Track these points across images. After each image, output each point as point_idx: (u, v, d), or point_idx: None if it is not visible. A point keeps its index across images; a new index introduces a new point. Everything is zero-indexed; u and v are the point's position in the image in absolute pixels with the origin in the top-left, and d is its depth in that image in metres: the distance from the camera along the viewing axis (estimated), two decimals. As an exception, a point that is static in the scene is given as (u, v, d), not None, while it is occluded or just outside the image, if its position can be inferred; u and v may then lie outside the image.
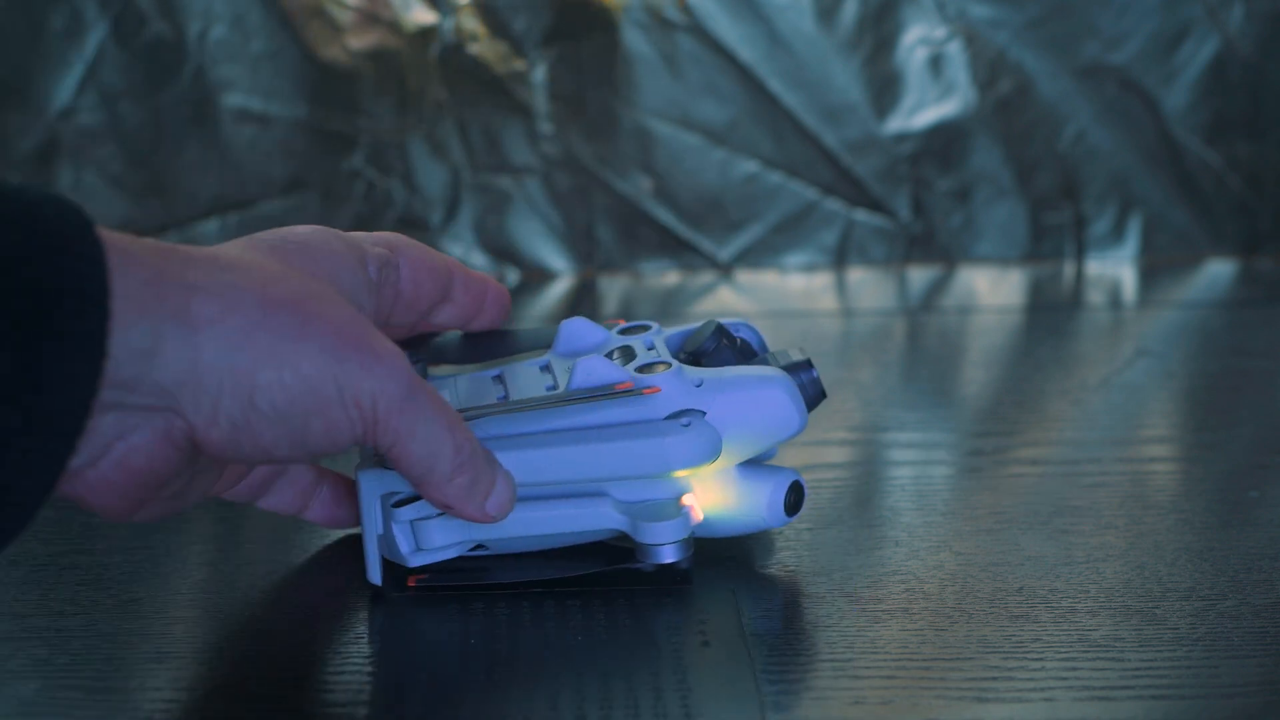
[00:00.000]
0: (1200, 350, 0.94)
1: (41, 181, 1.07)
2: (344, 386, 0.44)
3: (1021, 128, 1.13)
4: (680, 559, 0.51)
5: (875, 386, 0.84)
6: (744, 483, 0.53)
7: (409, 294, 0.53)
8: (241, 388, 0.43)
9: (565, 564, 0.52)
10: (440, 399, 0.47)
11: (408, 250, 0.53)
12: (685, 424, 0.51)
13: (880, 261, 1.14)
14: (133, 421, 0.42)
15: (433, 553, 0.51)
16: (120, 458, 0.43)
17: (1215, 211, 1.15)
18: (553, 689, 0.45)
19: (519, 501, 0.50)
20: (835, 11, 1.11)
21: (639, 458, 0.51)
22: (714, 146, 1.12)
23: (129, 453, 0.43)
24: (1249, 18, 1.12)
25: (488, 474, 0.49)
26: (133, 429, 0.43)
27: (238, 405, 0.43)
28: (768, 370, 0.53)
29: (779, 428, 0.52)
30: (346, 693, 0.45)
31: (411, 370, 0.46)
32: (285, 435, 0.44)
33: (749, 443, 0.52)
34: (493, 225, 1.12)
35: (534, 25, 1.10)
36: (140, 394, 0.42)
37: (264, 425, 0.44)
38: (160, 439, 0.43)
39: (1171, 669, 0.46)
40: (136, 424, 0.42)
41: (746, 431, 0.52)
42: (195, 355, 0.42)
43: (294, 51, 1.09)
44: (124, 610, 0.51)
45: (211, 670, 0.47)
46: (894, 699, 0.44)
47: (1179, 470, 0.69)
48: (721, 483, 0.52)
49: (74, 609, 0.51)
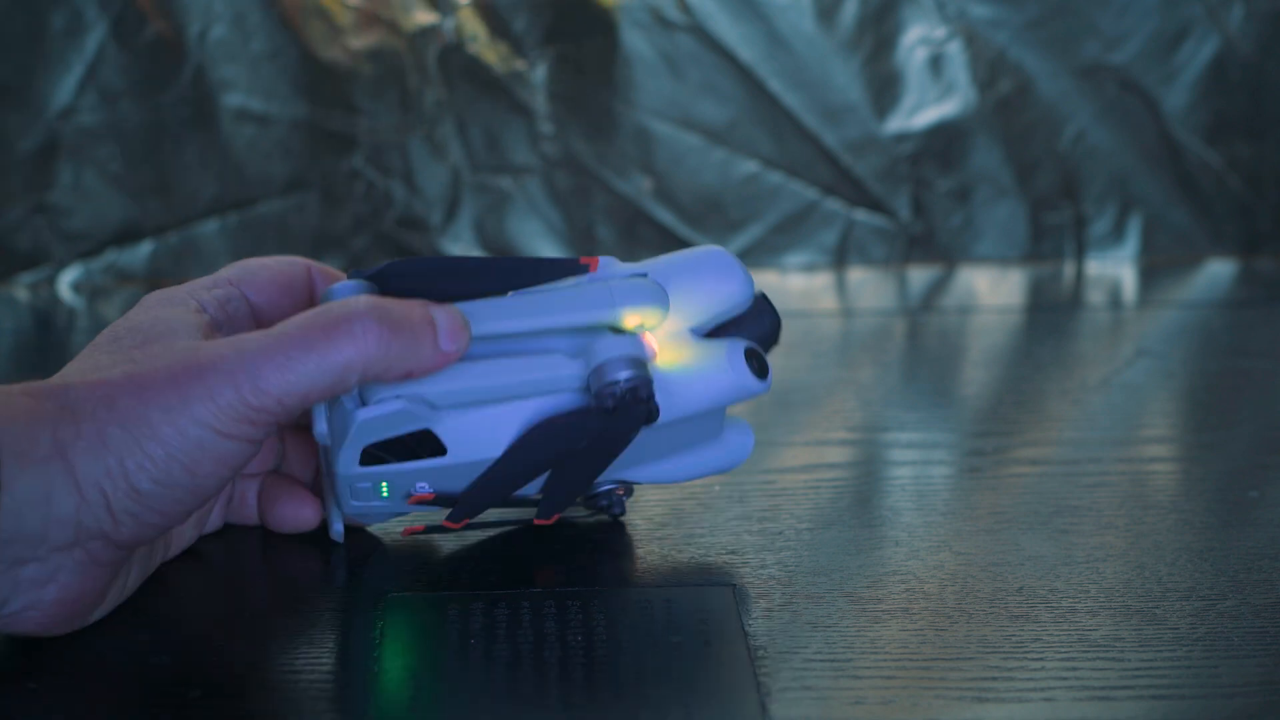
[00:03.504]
0: (1200, 350, 0.94)
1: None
2: (206, 421, 0.45)
3: (1021, 128, 1.13)
4: (634, 381, 0.50)
5: (875, 386, 0.84)
6: (702, 346, 0.52)
7: (269, 314, 0.54)
8: (119, 483, 0.45)
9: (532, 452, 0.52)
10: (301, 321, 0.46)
11: (252, 276, 0.54)
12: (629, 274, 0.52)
13: (880, 261, 1.14)
14: (55, 563, 0.45)
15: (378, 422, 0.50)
16: (57, 596, 0.46)
17: (1215, 211, 1.15)
18: (552, 689, 0.45)
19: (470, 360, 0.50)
20: (835, 11, 1.11)
21: (586, 301, 0.51)
22: (714, 146, 1.12)
23: (62, 589, 0.46)
24: (1249, 18, 1.12)
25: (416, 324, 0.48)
26: (57, 569, 0.45)
27: (125, 499, 0.45)
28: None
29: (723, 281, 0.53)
30: (346, 693, 0.45)
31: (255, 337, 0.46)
32: (185, 492, 0.46)
33: (696, 299, 0.52)
34: (493, 225, 1.12)
35: (534, 25, 1.10)
36: (52, 538, 0.44)
37: (158, 500, 0.45)
38: (85, 566, 0.46)
39: (1171, 669, 0.46)
40: (60, 564, 0.45)
41: (692, 283, 0.52)
42: (75, 479, 0.44)
43: (294, 51, 1.09)
44: (124, 610, 0.51)
45: (210, 670, 0.47)
46: (894, 699, 0.44)
47: (1179, 470, 0.69)
48: (679, 346, 0.52)
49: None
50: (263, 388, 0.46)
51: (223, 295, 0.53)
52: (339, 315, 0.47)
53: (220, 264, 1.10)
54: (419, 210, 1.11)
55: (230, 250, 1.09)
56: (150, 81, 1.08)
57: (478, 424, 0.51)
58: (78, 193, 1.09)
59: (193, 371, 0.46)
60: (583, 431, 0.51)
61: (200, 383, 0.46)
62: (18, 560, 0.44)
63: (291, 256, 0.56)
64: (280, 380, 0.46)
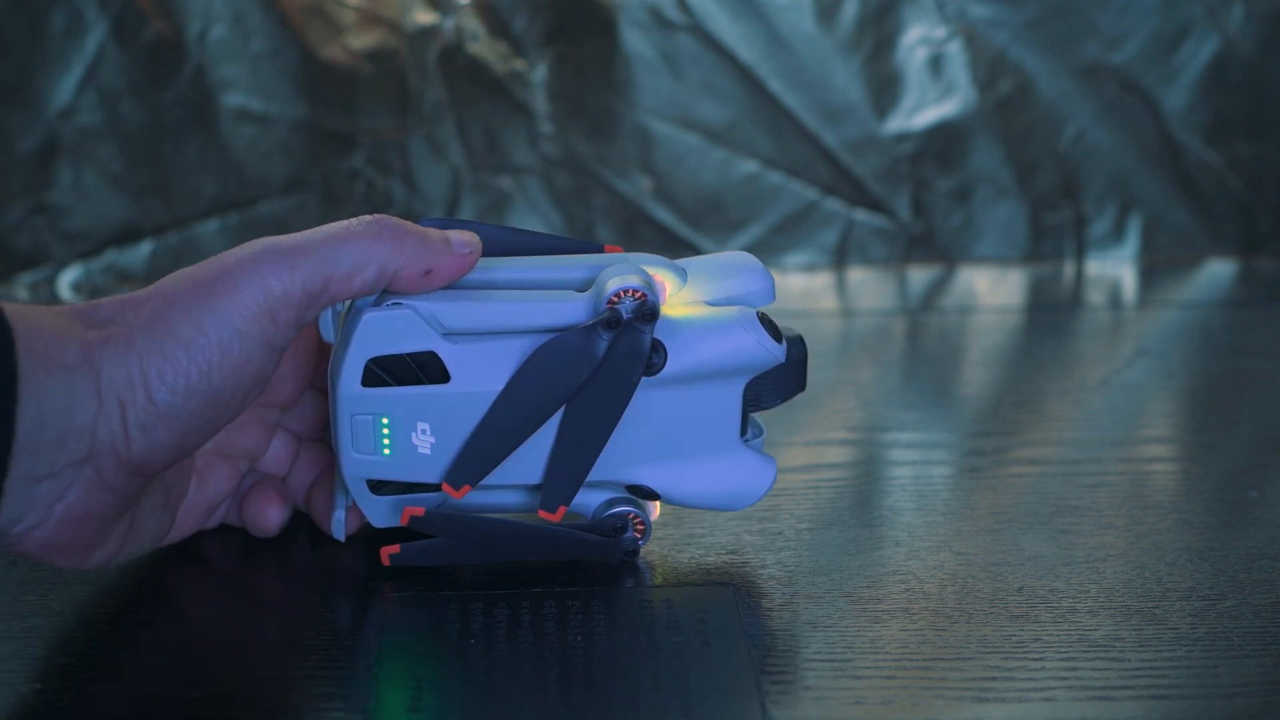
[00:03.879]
0: (1200, 350, 0.94)
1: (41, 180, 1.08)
2: (227, 317, 0.46)
3: (1021, 128, 1.13)
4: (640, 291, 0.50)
5: (875, 386, 0.84)
6: (714, 312, 0.53)
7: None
8: (138, 392, 0.45)
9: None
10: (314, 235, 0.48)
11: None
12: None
13: (880, 261, 1.14)
14: (67, 479, 0.45)
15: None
16: (62, 514, 0.45)
17: (1215, 211, 1.15)
18: (553, 689, 0.45)
19: (483, 289, 0.51)
20: (835, 11, 1.11)
21: (605, 260, 0.53)
22: (714, 146, 1.12)
23: (69, 508, 0.45)
24: (1249, 18, 1.12)
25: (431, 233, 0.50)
26: (68, 486, 0.45)
27: (142, 411, 0.45)
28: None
29: (745, 274, 0.53)
30: (347, 693, 0.45)
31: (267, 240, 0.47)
32: (201, 403, 0.46)
33: (716, 284, 0.53)
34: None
35: (534, 25, 1.10)
36: (68, 449, 0.44)
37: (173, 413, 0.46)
38: (94, 487, 0.45)
39: (1171, 669, 0.46)
40: (70, 481, 0.45)
41: (713, 270, 0.53)
42: (97, 386, 0.44)
43: (294, 51, 1.09)
44: (125, 610, 0.51)
45: (210, 671, 0.47)
46: (894, 699, 0.44)
47: (1179, 470, 0.69)
48: (692, 307, 0.53)
49: (75, 609, 0.51)
50: (286, 276, 0.46)
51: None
52: (362, 219, 0.48)
53: (220, 264, 1.11)
54: (419, 210, 1.11)
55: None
56: (150, 81, 1.08)
57: (483, 354, 0.51)
58: (78, 193, 1.09)
59: (217, 271, 0.46)
60: (587, 357, 0.50)
61: (225, 280, 0.46)
62: (33, 477, 0.44)
63: None
64: (305, 266, 0.47)
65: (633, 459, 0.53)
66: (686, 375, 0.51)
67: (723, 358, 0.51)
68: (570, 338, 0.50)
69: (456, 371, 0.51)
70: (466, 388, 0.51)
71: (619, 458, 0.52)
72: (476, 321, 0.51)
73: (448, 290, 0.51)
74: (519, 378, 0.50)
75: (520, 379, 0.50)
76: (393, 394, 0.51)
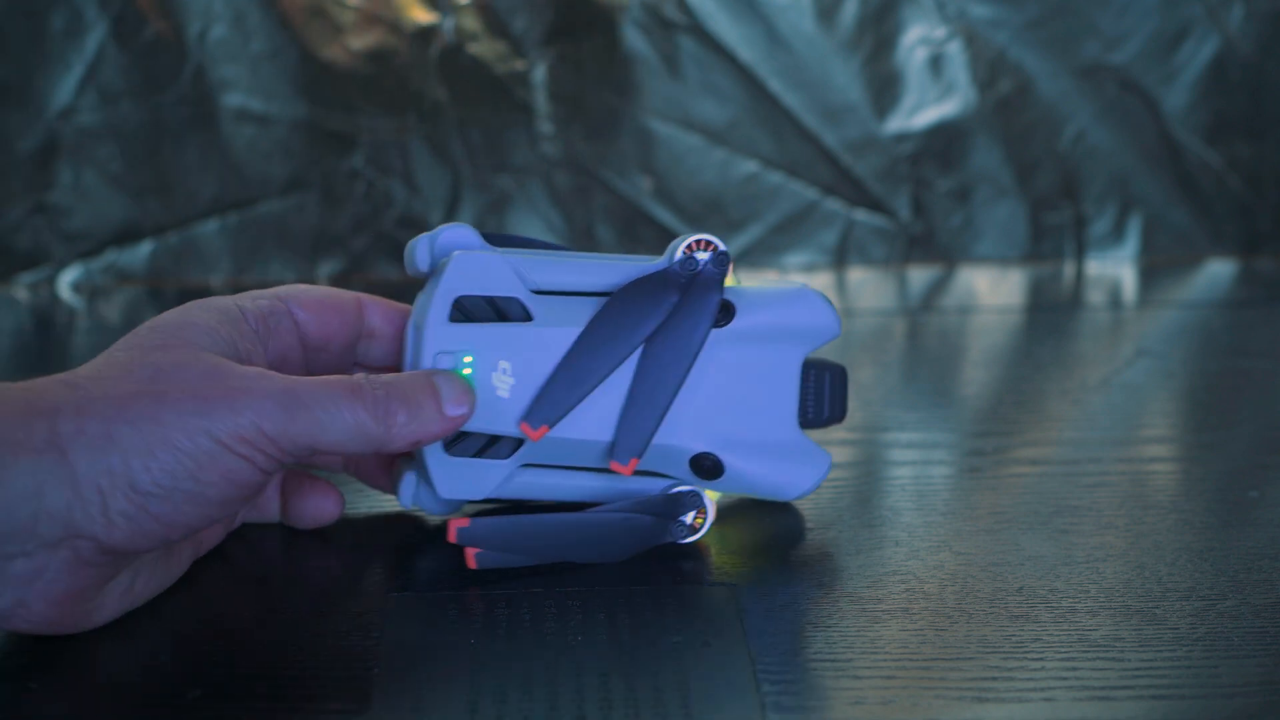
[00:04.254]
0: (1200, 350, 0.94)
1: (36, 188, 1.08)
2: (219, 435, 0.45)
3: (1021, 128, 1.13)
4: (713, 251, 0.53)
5: (875, 386, 0.84)
6: (778, 283, 0.56)
7: (316, 334, 0.54)
8: (119, 483, 0.45)
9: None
10: (322, 380, 0.48)
11: (301, 295, 0.54)
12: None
13: (880, 261, 1.14)
14: (41, 560, 0.45)
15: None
16: (42, 592, 0.45)
17: (1215, 211, 1.15)
18: (553, 689, 0.45)
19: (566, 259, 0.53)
20: (835, 11, 1.11)
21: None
22: (714, 146, 1.12)
23: (48, 587, 0.45)
24: (1249, 18, 1.12)
25: (422, 389, 0.50)
26: (44, 567, 0.45)
27: (124, 500, 0.45)
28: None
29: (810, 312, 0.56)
30: (346, 692, 0.45)
31: (280, 379, 0.47)
32: (183, 502, 0.46)
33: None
34: (493, 225, 1.12)
35: (534, 25, 1.10)
36: (40, 533, 0.44)
37: (159, 505, 0.45)
38: (72, 566, 0.45)
39: (1171, 669, 0.46)
40: (45, 561, 0.45)
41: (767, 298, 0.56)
42: (71, 474, 0.44)
43: (294, 51, 1.09)
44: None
45: (211, 669, 0.47)
46: (894, 699, 0.44)
47: (1179, 470, 0.69)
48: (759, 285, 0.56)
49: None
50: (282, 424, 0.46)
51: (267, 306, 0.53)
52: (357, 383, 0.48)
53: (220, 264, 1.11)
54: (419, 210, 1.11)
55: (230, 250, 1.09)
56: (150, 81, 1.08)
57: (564, 304, 0.53)
58: (78, 193, 1.09)
59: (220, 388, 0.46)
60: (663, 301, 0.53)
61: (226, 400, 0.46)
62: (6, 555, 0.44)
63: (343, 289, 0.56)
64: (298, 423, 0.47)
65: (700, 422, 0.55)
66: (753, 333, 0.54)
67: (786, 317, 0.55)
68: (648, 281, 0.53)
69: (539, 314, 0.53)
70: (549, 324, 0.53)
71: (688, 420, 0.54)
72: (560, 279, 0.54)
73: (530, 251, 0.54)
74: (598, 318, 0.53)
75: (599, 320, 0.53)
76: (478, 330, 0.53)
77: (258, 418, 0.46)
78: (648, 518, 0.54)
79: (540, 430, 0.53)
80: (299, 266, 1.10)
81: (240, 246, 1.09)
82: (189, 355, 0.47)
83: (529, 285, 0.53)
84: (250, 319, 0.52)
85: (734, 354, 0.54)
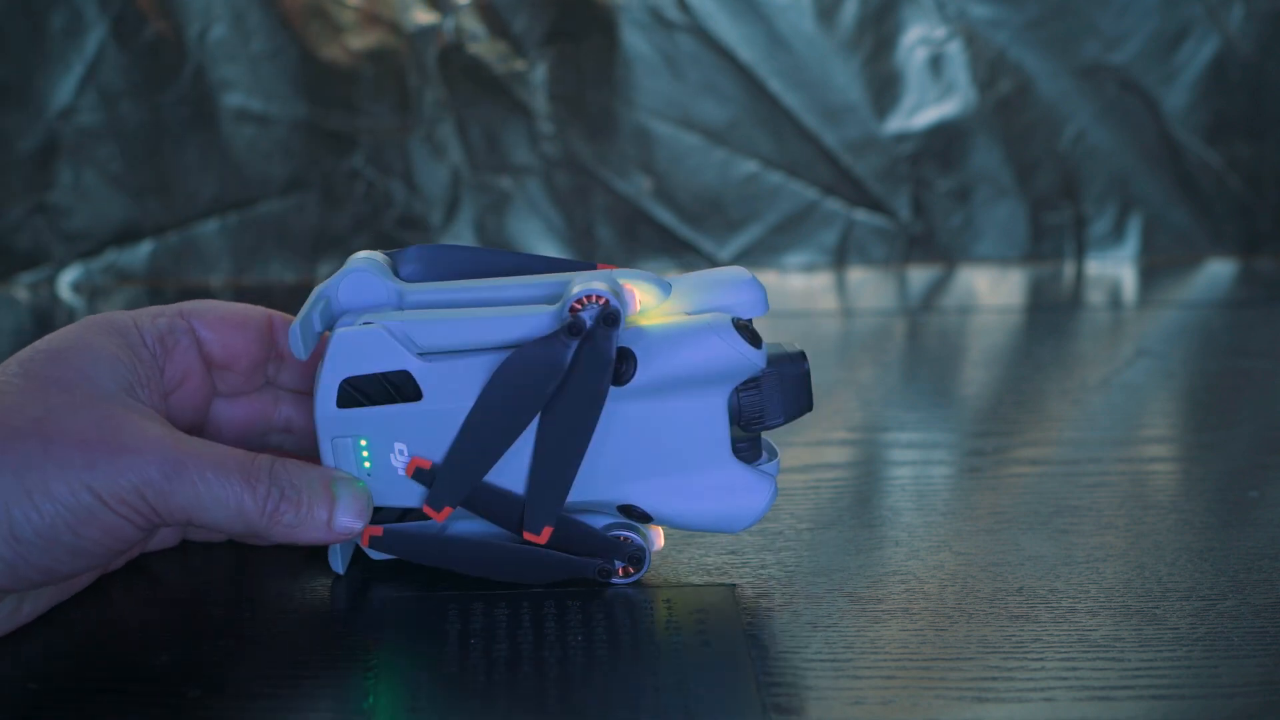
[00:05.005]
0: (1200, 350, 0.94)
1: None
2: (101, 491, 0.45)
3: (1021, 128, 1.13)
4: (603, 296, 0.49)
5: (875, 386, 0.84)
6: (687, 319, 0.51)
7: (220, 354, 0.53)
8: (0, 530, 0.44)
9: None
10: (218, 453, 0.47)
11: (205, 311, 0.52)
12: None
13: (880, 261, 1.14)
14: None
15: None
16: None
17: (1215, 211, 1.15)
18: (552, 689, 0.45)
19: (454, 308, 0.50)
20: (835, 11, 1.11)
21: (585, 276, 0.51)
22: (714, 146, 1.12)
23: None
24: (1249, 18, 1.12)
25: (318, 495, 0.49)
26: None
27: (2, 544, 0.44)
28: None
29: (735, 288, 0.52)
30: (346, 692, 0.45)
31: (174, 444, 0.46)
32: (62, 554, 0.45)
33: (701, 295, 0.52)
34: (493, 225, 1.12)
35: (534, 25, 1.10)
36: None
37: (35, 553, 0.44)
38: None
39: (1171, 669, 0.46)
40: None
41: (700, 284, 0.52)
42: None
43: (294, 51, 1.09)
44: (124, 610, 0.51)
45: (209, 670, 0.47)
46: (894, 699, 0.44)
47: (1179, 470, 0.69)
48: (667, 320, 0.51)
49: (72, 607, 0.51)
50: (164, 491, 0.45)
51: (166, 325, 0.51)
52: (255, 467, 0.47)
53: (220, 264, 1.11)
54: (419, 210, 1.11)
55: (230, 250, 1.09)
56: (150, 81, 1.08)
57: (456, 371, 0.50)
58: (78, 193, 1.09)
59: (109, 443, 0.45)
60: (554, 366, 0.49)
61: (111, 458, 0.45)
62: None
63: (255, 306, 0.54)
64: (179, 496, 0.46)
65: (619, 477, 0.52)
66: (660, 384, 0.50)
67: (695, 365, 0.50)
68: (535, 348, 0.50)
69: (429, 389, 0.50)
70: (439, 404, 0.50)
71: (605, 476, 0.51)
72: (447, 339, 0.51)
73: (420, 309, 0.51)
74: (488, 392, 0.50)
75: (489, 393, 0.50)
76: (367, 414, 0.50)
77: (140, 481, 0.45)
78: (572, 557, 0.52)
79: (445, 511, 0.51)
80: (299, 266, 1.10)
81: (240, 246, 1.09)
82: (83, 397, 0.46)
83: (419, 349, 0.50)
84: (148, 339, 0.51)
85: (643, 408, 0.51)
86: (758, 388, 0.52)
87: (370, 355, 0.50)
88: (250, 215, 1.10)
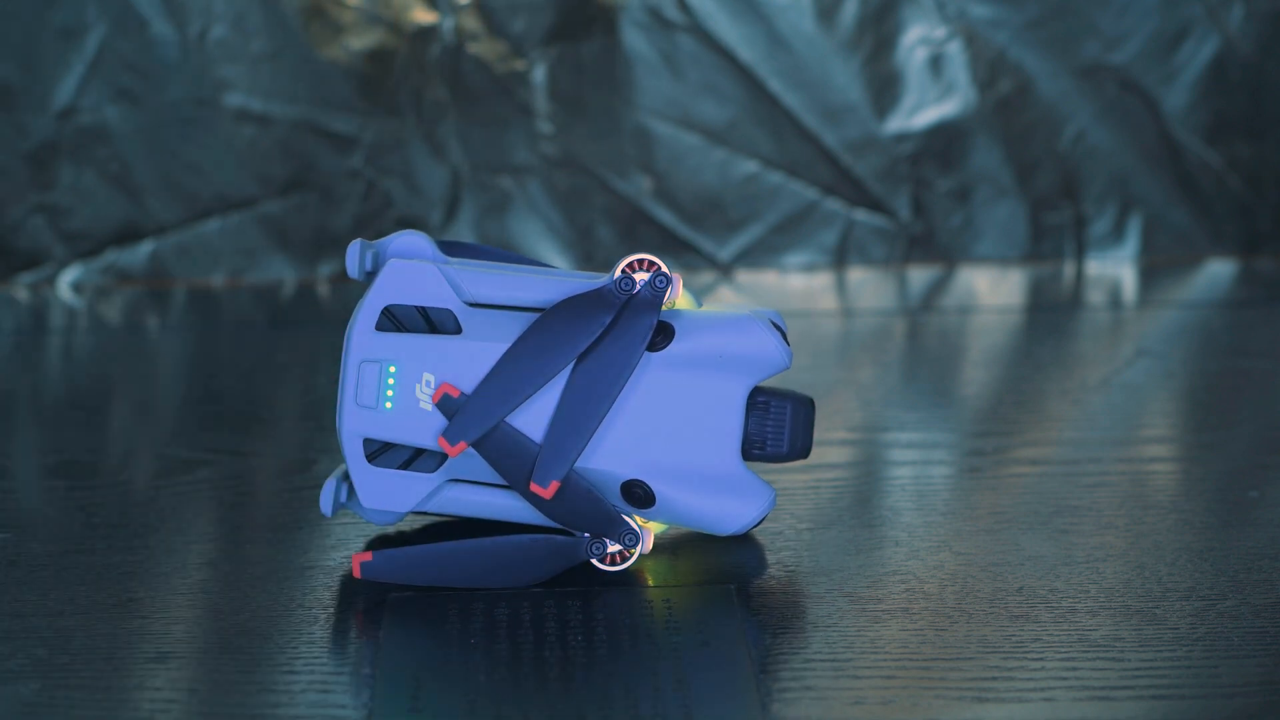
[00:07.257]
0: (1200, 350, 0.94)
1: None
2: None
3: (1021, 128, 1.13)
4: (652, 270, 0.51)
5: (875, 386, 0.84)
6: (725, 308, 0.53)
7: None
8: None
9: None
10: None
11: None
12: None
13: (880, 261, 1.14)
14: None
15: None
16: None
17: (1215, 211, 1.15)
18: (552, 689, 0.45)
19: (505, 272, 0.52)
20: (835, 11, 1.11)
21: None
22: (714, 146, 1.12)
23: None
24: (1249, 18, 1.12)
25: None
26: None
27: None
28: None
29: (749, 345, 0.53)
30: (345, 692, 0.45)
31: None
32: None
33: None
34: (493, 225, 1.12)
35: (534, 25, 1.10)
36: None
37: None
38: None
39: (1171, 669, 0.46)
40: None
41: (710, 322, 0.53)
42: None
43: (294, 51, 1.09)
44: (124, 610, 0.51)
45: (211, 670, 0.47)
46: (894, 699, 0.44)
47: (1179, 470, 0.69)
48: (709, 309, 0.53)
49: (74, 609, 0.51)
50: None
51: None
52: None
53: (220, 264, 1.11)
54: (419, 210, 1.11)
55: (230, 250, 1.09)
56: (150, 81, 1.08)
57: (498, 318, 0.52)
58: (78, 193, 1.09)
59: None
60: (596, 319, 0.51)
61: None
62: None
63: None
64: None
65: (631, 448, 0.52)
66: (690, 359, 0.52)
67: (727, 346, 0.52)
68: (582, 299, 0.51)
69: (469, 328, 0.52)
70: (478, 340, 0.52)
71: (618, 444, 0.52)
72: (495, 293, 0.52)
73: (475, 263, 0.53)
74: (527, 335, 0.51)
75: (528, 336, 0.51)
76: (404, 339, 0.52)
77: None
78: (563, 538, 0.52)
79: (459, 446, 0.51)
80: (299, 266, 1.10)
81: (240, 246, 1.09)
82: None
83: (465, 297, 0.52)
84: None
85: (670, 379, 0.52)
86: (766, 412, 0.53)
87: (420, 288, 0.52)
88: (250, 215, 1.10)
